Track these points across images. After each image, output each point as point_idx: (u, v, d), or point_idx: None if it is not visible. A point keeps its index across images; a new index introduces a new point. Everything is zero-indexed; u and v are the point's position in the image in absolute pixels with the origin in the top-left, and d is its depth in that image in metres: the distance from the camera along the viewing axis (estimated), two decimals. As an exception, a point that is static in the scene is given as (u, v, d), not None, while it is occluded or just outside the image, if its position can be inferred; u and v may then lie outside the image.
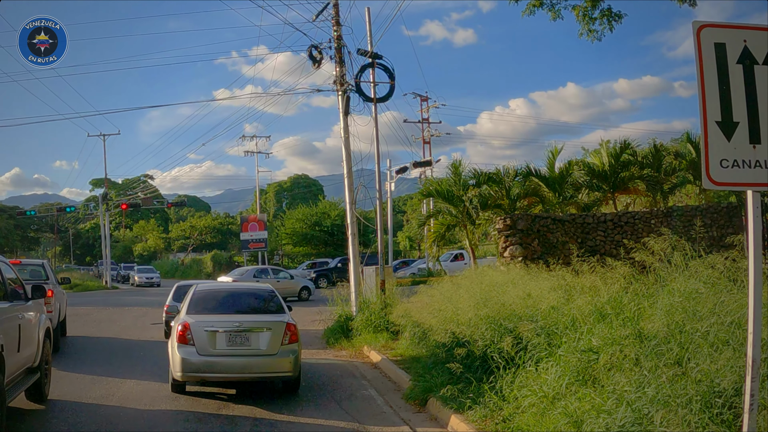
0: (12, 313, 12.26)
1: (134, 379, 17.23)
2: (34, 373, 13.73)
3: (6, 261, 13.88)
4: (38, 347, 14.01)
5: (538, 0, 18.73)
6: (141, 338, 25.96)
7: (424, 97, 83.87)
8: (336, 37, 27.64)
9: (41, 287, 14.41)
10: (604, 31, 18.43)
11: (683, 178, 35.85)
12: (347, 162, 27.85)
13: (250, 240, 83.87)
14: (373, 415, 13.81)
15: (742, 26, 7.47)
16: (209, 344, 14.78)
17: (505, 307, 13.86)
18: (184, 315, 15.54)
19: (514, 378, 11.86)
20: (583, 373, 10.46)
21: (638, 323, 10.08)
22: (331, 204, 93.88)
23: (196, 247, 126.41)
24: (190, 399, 15.03)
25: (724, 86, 7.24)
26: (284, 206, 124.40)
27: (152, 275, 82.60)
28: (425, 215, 48.07)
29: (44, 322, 14.81)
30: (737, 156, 7.15)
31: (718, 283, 9.31)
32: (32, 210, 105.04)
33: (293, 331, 15.28)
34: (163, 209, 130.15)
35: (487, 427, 11.34)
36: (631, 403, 8.77)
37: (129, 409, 14.04)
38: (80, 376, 17.58)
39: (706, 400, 7.91)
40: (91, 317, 34.20)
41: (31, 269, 25.55)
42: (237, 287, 18.76)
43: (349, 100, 27.39)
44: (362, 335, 23.31)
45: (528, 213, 28.53)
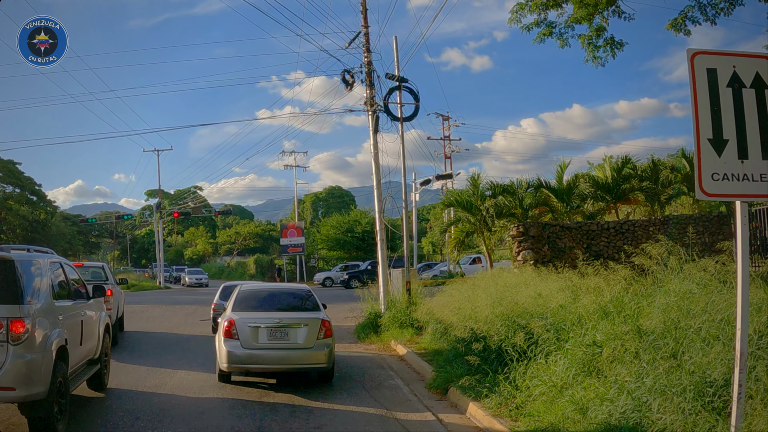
0: (75, 310, 12.33)
1: (185, 370, 17.28)
2: (95, 364, 13.83)
3: (70, 263, 13.94)
4: (99, 341, 14.12)
5: (548, 29, 18.78)
6: (191, 333, 25.98)
7: (446, 117, 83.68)
8: (366, 63, 27.67)
9: (101, 287, 14.47)
10: (607, 58, 18.46)
11: (678, 189, 35.85)
12: (376, 175, 27.84)
13: (289, 245, 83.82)
14: (399, 403, 13.81)
15: (732, 53, 7.48)
16: (252, 338, 14.84)
17: (518, 305, 13.87)
18: (230, 312, 15.59)
19: (526, 369, 11.87)
20: (588, 365, 10.48)
21: (638, 320, 10.08)
22: (362, 213, 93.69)
23: (241, 251, 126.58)
24: (235, 388, 15.08)
25: (715, 107, 7.26)
26: (320, 215, 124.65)
27: (201, 276, 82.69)
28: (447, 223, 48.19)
29: (104, 319, 14.89)
30: (727, 170, 7.16)
31: (710, 284, 9.31)
32: (93, 218, 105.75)
33: (327, 326, 15.31)
34: (211, 217, 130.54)
35: (502, 413, 11.34)
36: (632, 392, 8.80)
37: (180, 397, 14.09)
38: (136, 367, 17.66)
39: (699, 390, 7.92)
40: (146, 314, 34.23)
41: (92, 271, 25.61)
42: (277, 287, 18.78)
43: (378, 119, 27.40)
44: (390, 330, 23.27)
45: (539, 221, 28.54)
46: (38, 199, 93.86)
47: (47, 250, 13.55)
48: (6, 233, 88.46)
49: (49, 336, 10.37)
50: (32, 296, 10.20)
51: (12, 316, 9.51)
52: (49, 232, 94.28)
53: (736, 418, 6.80)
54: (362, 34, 27.96)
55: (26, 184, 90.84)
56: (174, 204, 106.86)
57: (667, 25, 18.00)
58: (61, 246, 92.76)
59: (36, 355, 9.79)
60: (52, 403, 10.17)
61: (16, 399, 9.72)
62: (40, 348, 9.96)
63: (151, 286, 72.31)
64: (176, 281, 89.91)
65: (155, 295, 55.04)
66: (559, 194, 33.09)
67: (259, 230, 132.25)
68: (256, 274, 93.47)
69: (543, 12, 18.83)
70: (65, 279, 12.56)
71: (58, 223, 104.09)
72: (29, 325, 9.66)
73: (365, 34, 27.91)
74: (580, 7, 18.20)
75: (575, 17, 18.41)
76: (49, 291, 11.10)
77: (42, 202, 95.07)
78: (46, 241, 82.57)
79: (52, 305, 11.06)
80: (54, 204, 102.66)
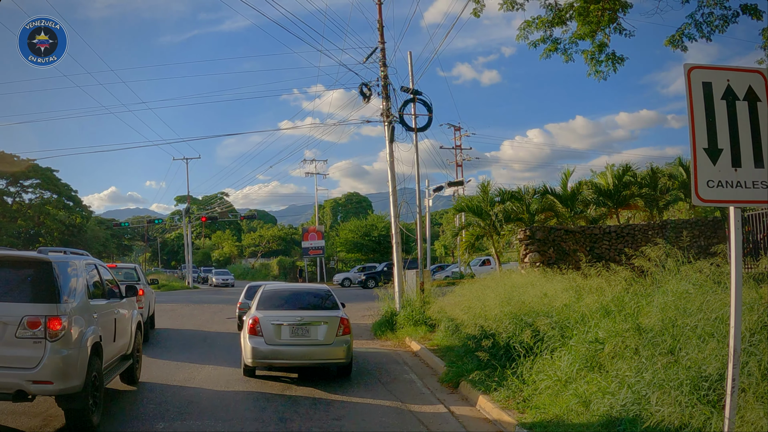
0: (109, 309, 12.41)
1: (212, 365, 17.35)
2: (128, 359, 13.91)
3: (104, 265, 14.02)
4: (131, 338, 14.20)
5: (553, 45, 18.82)
6: (217, 330, 26.03)
7: (457, 127, 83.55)
8: (383, 77, 27.72)
9: (133, 287, 14.54)
10: (609, 72, 18.45)
11: (676, 196, 35.80)
12: (392, 182, 27.89)
13: (310, 247, 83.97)
14: (413, 396, 13.85)
15: (726, 68, 7.49)
16: (275, 335, 14.90)
17: (525, 304, 13.88)
18: (254, 311, 15.65)
19: (532, 365, 11.92)
20: (591, 361, 10.51)
21: (637, 318, 10.09)
22: (378, 217, 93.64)
23: (264, 253, 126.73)
24: (259, 382, 15.13)
25: (710, 118, 7.27)
26: (339, 219, 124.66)
27: (227, 277, 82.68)
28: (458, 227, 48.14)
29: (136, 317, 14.96)
30: (721, 177, 7.18)
31: (705, 285, 9.30)
32: (126, 222, 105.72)
33: (346, 324, 15.35)
34: (237, 221, 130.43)
35: (510, 406, 11.39)
36: (632, 386, 8.82)
37: (208, 390, 14.15)
38: (166, 362, 17.74)
39: (695, 384, 7.93)
40: (176, 312, 34.33)
41: (125, 272, 25.70)
42: (299, 287, 18.80)
43: (393, 129, 27.45)
44: (404, 328, 23.29)
45: (544, 225, 28.43)
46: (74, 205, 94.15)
47: (83, 252, 13.64)
48: (44, 236, 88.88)
49: (85, 333, 10.45)
50: (69, 295, 10.28)
51: (49, 314, 9.61)
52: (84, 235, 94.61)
53: (730, 411, 6.81)
54: (379, 50, 28.04)
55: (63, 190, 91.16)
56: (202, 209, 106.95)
57: (665, 42, 18.00)
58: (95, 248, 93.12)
59: (72, 350, 9.88)
60: (87, 396, 10.26)
61: (53, 392, 9.81)
62: (76, 344, 10.05)
63: (181, 286, 72.40)
64: (204, 282, 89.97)
65: (184, 295, 55.16)
66: (563, 200, 33.06)
67: (281, 234, 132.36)
68: (278, 275, 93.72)
69: (548, 29, 18.88)
70: (100, 279, 12.65)
71: (93, 227, 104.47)
72: (66, 322, 9.75)
73: (381, 49, 27.99)
74: (584, 24, 18.21)
75: (579, 34, 18.44)
76: (84, 291, 11.19)
77: (78, 207, 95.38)
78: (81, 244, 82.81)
79: (88, 304, 11.15)
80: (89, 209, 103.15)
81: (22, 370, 9.47)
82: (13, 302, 9.71)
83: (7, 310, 9.59)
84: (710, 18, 17.56)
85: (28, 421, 11.10)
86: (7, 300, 9.73)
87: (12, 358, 9.49)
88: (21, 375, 9.46)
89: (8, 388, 9.46)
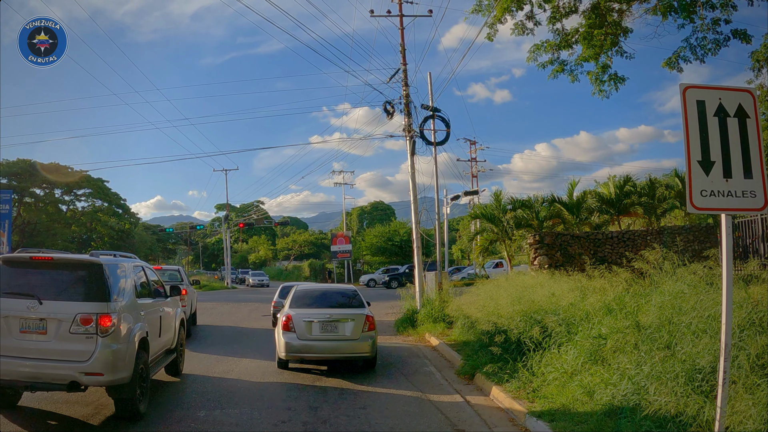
0: (155, 307, 12.51)
1: (249, 358, 17.42)
2: (172, 353, 14.03)
3: (150, 267, 14.12)
4: (175, 333, 14.32)
5: (560, 67, 18.94)
6: (254, 327, 26.12)
7: (472, 141, 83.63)
8: (405, 95, 27.77)
9: (177, 287, 14.63)
10: (611, 91, 18.53)
11: (672, 204, 35.70)
12: (413, 191, 27.92)
13: (338, 251, 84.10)
14: (432, 386, 13.86)
15: (718, 87, 7.51)
16: (307, 331, 14.97)
17: (534, 303, 13.89)
18: (288, 309, 15.71)
19: (541, 358, 11.93)
20: (595, 355, 10.52)
21: (637, 316, 10.11)
22: (401, 224, 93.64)
23: (297, 256, 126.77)
24: (292, 373, 15.19)
25: (703, 133, 7.29)
26: (364, 225, 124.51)
27: (263, 278, 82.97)
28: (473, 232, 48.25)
29: (179, 314, 15.05)
30: (714, 187, 7.19)
31: (699, 285, 9.30)
32: (170, 228, 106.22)
33: (371, 321, 15.40)
34: (271, 227, 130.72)
35: (521, 396, 11.40)
36: (632, 378, 8.84)
37: (245, 381, 14.22)
38: (207, 356, 17.84)
39: (689, 376, 7.93)
40: (216, 310, 34.46)
41: (169, 273, 25.79)
42: (328, 288, 18.81)
43: (414, 143, 27.50)
44: (424, 325, 23.28)
45: (552, 231, 28.51)
46: (123, 212, 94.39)
47: (131, 255, 13.79)
48: (96, 241, 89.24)
49: (133, 329, 10.57)
50: (118, 295, 10.40)
51: (101, 312, 9.73)
52: (132, 240, 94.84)
53: (722, 400, 6.82)
54: (401, 71, 28.11)
55: (113, 199, 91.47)
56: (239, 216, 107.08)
57: (662, 63, 18.03)
58: (142, 252, 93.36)
59: (121, 345, 9.99)
60: (135, 387, 10.37)
61: (104, 383, 9.92)
62: (125, 339, 10.16)
63: (220, 287, 72.57)
64: (241, 282, 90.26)
65: (223, 294, 55.36)
66: (569, 208, 33.08)
67: (312, 239, 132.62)
68: (309, 276, 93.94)
69: (556, 52, 19.00)
70: (146, 280, 12.76)
71: (140, 233, 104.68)
72: (115, 319, 9.87)
73: (404, 71, 28.06)
74: (588, 48, 18.30)
75: (584, 56, 18.53)
76: (132, 290, 11.30)
77: (126, 214, 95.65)
78: (129, 248, 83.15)
79: (135, 302, 11.26)
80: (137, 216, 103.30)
81: (75, 363, 9.59)
82: (68, 301, 9.84)
83: (62, 308, 9.73)
84: (704, 42, 17.58)
85: (81, 409, 11.22)
86: (62, 299, 9.86)
87: (66, 352, 9.61)
88: (74, 367, 9.58)
89: (63, 379, 9.58)
